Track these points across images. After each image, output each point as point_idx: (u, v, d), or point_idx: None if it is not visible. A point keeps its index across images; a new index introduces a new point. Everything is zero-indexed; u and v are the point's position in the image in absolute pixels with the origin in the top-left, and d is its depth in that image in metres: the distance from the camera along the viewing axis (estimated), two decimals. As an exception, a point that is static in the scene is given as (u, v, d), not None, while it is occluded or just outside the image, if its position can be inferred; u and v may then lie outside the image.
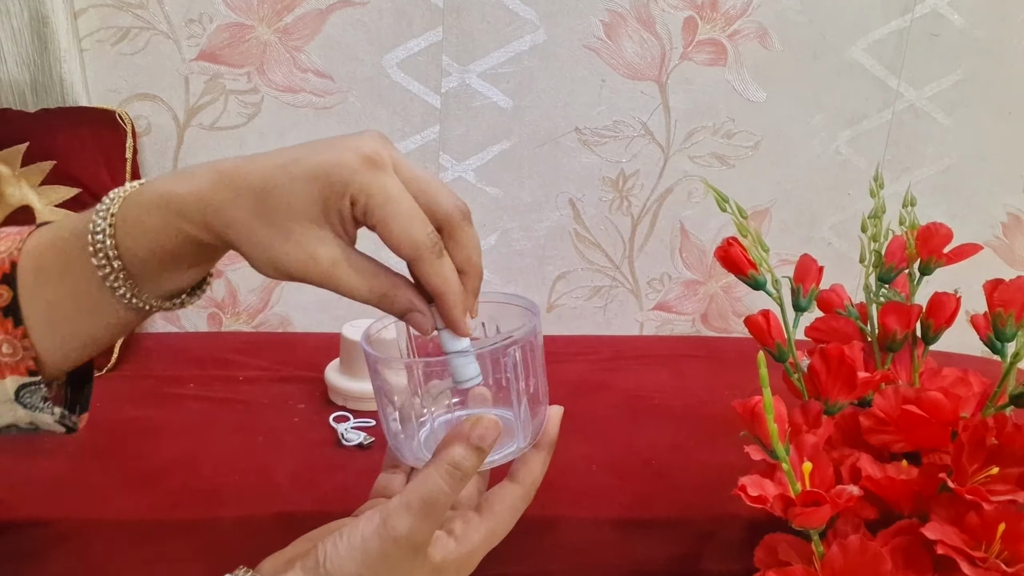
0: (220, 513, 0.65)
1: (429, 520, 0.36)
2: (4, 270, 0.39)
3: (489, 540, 0.40)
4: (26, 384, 0.40)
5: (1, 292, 0.39)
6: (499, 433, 0.37)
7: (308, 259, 0.36)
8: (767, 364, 0.44)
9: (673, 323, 1.25)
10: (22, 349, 0.39)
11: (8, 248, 0.40)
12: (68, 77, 0.96)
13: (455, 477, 0.36)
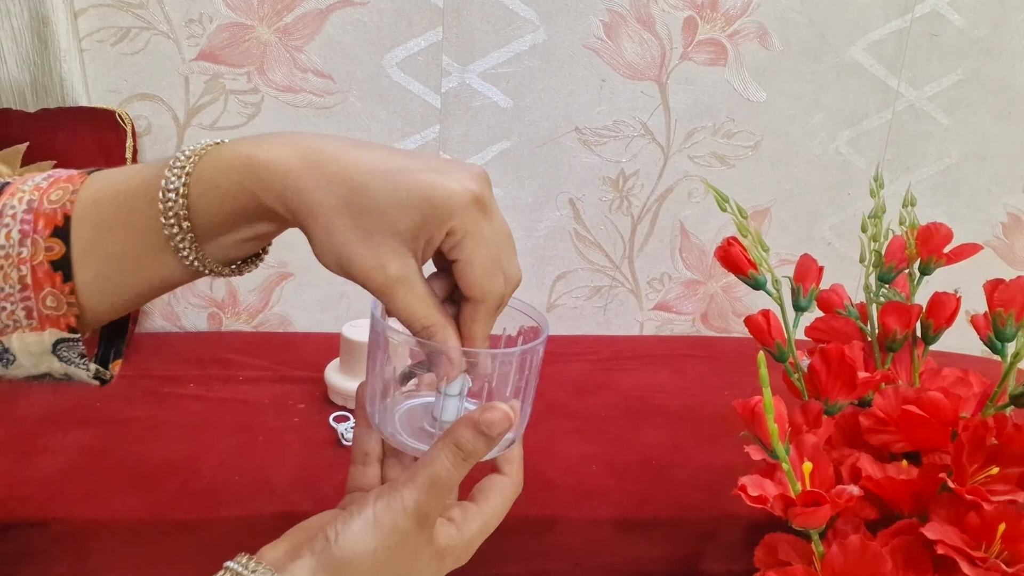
0: (220, 513, 0.65)
1: (433, 494, 0.37)
2: (56, 222, 0.39)
3: (484, 530, 0.41)
4: (64, 339, 0.40)
5: (52, 245, 0.39)
6: (509, 425, 0.38)
7: (378, 267, 0.37)
8: (767, 364, 0.44)
9: (673, 323, 1.25)
10: (66, 304, 0.39)
11: (61, 198, 0.40)
12: (68, 77, 0.96)
13: (459, 458, 0.37)
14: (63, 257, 0.39)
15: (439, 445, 0.38)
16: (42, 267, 0.39)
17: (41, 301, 0.39)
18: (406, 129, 1.07)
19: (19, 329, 0.39)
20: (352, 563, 0.37)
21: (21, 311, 0.39)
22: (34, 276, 0.39)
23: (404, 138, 1.07)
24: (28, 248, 0.39)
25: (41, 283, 0.39)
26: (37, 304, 0.39)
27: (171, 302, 1.12)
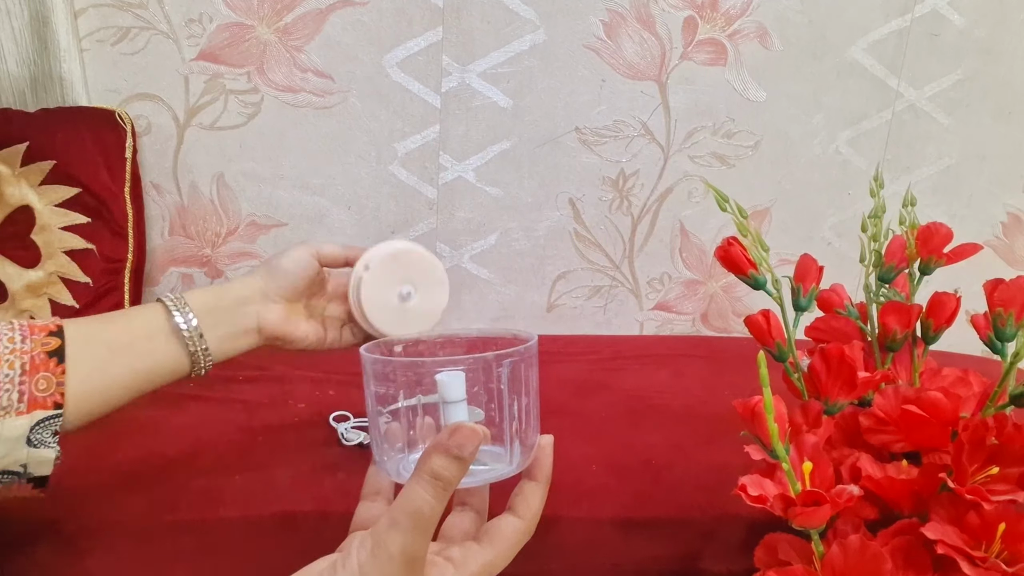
0: (220, 513, 0.64)
1: (418, 533, 0.36)
2: (51, 329, 0.47)
3: (487, 570, 0.40)
4: (47, 418, 0.46)
5: (49, 341, 0.46)
6: (479, 440, 0.37)
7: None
8: (767, 364, 0.44)
9: (673, 323, 1.25)
10: (55, 384, 0.46)
11: (48, 322, 0.48)
12: (68, 77, 0.96)
13: (437, 488, 0.36)
14: (58, 348, 0.46)
15: (414, 479, 0.36)
16: (39, 356, 0.46)
17: (34, 384, 0.45)
18: (406, 129, 1.07)
19: (8, 415, 0.45)
20: None
21: (16, 394, 0.45)
22: (32, 363, 0.45)
23: (404, 138, 1.07)
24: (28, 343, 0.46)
25: (37, 368, 0.45)
26: (30, 388, 0.45)
27: (171, 302, 1.12)
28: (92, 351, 0.48)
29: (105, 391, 0.49)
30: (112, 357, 0.49)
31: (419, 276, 0.60)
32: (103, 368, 0.48)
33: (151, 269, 1.09)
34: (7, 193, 0.91)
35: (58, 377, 0.45)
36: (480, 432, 0.37)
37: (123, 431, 0.77)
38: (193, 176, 1.06)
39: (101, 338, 0.48)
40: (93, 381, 0.48)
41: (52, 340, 0.46)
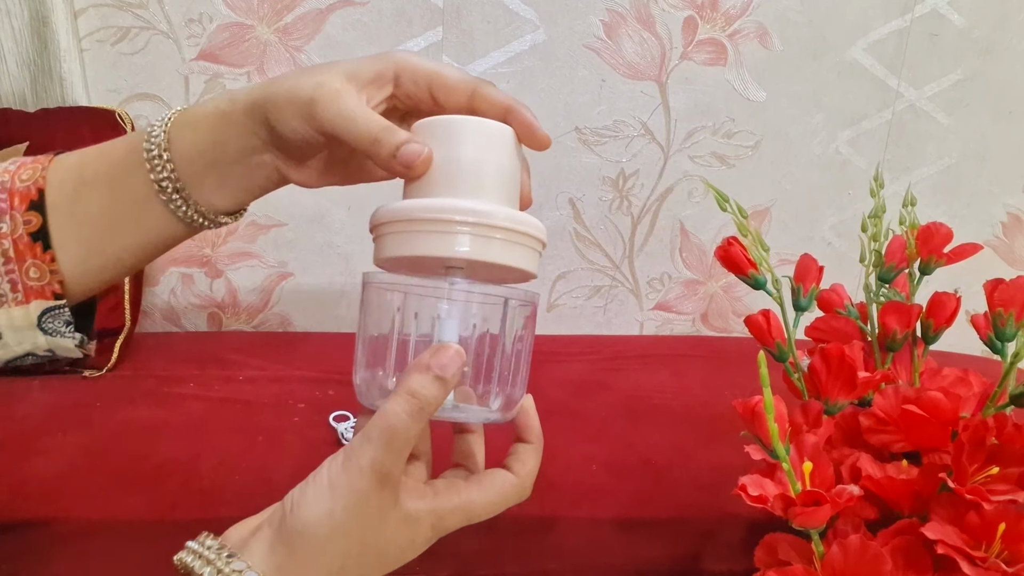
0: (220, 513, 0.64)
1: (391, 450, 0.34)
2: (31, 197, 0.41)
3: (467, 510, 0.38)
4: (50, 308, 0.42)
5: (30, 219, 0.41)
6: (462, 363, 0.35)
7: (328, 81, 0.38)
8: (767, 364, 0.44)
9: (673, 323, 1.25)
10: (49, 273, 0.41)
11: (32, 176, 0.42)
12: (68, 77, 0.96)
13: (413, 406, 0.34)
14: (41, 228, 0.41)
15: (391, 396, 0.35)
16: (22, 240, 0.41)
17: (24, 273, 0.41)
18: (406, 129, 1.07)
19: (5, 304, 0.41)
20: (308, 529, 0.35)
21: (7, 284, 0.41)
22: (16, 249, 0.41)
23: (404, 138, 1.07)
24: (7, 224, 0.40)
25: (23, 254, 0.41)
26: (21, 276, 0.41)
27: (171, 302, 1.12)
28: (78, 231, 0.42)
29: (102, 269, 0.43)
30: (102, 234, 0.42)
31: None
32: (94, 247, 0.42)
33: (151, 269, 1.09)
34: (7, 193, 0.91)
35: (49, 265, 0.41)
36: (460, 352, 0.35)
37: (123, 431, 0.77)
38: (193, 176, 1.06)
39: (86, 212, 0.42)
40: (88, 263, 0.42)
41: (34, 217, 0.41)
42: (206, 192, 0.42)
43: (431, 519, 0.37)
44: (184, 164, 0.41)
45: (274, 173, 0.43)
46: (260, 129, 0.40)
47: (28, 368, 0.44)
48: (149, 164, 0.41)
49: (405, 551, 0.37)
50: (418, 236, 0.37)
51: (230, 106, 0.40)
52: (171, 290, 1.12)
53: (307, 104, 0.38)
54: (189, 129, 0.41)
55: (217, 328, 1.15)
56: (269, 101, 0.39)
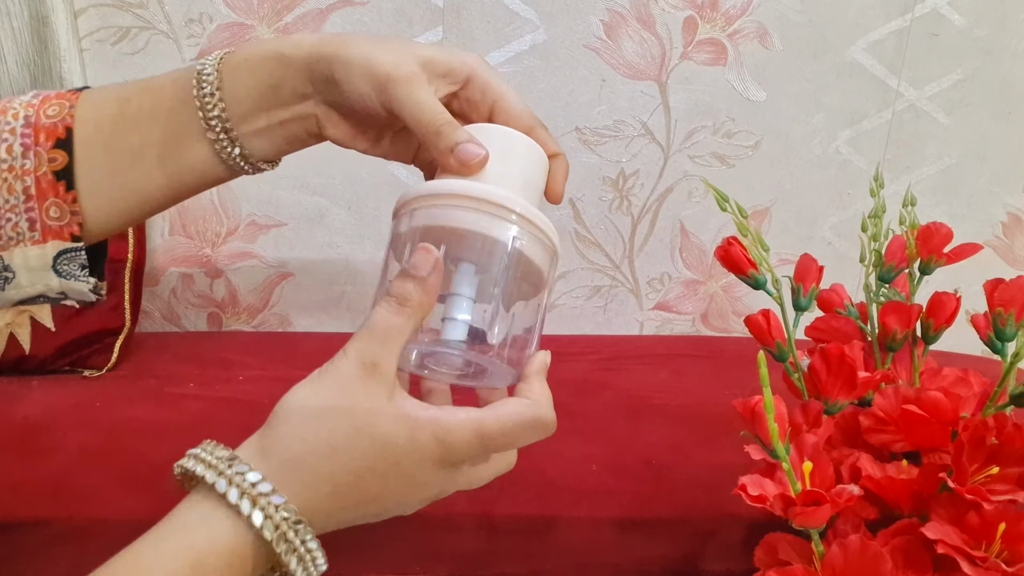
0: (220, 513, 0.64)
1: (374, 340, 0.35)
2: (58, 135, 0.40)
3: (480, 431, 0.36)
4: (66, 250, 0.41)
5: (55, 156, 0.40)
6: (433, 259, 0.36)
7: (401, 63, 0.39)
8: (767, 364, 0.44)
9: (673, 323, 1.25)
10: (69, 213, 0.40)
11: (59, 112, 0.41)
12: (68, 77, 0.96)
13: (392, 303, 0.36)
14: (66, 167, 0.40)
15: (376, 301, 0.37)
16: (45, 177, 0.40)
17: (45, 212, 0.40)
18: (406, 129, 1.07)
19: (21, 243, 0.40)
20: (291, 409, 0.36)
21: (25, 223, 0.40)
22: (38, 187, 0.40)
23: (404, 138, 1.07)
24: (31, 160, 0.39)
25: (45, 193, 0.40)
26: (41, 215, 0.40)
27: (171, 302, 1.12)
28: (114, 165, 0.41)
29: (130, 208, 0.42)
30: (138, 170, 0.41)
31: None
32: (128, 184, 0.41)
33: (151, 269, 1.09)
34: (7, 193, 0.91)
35: (70, 206, 0.40)
36: (435, 254, 0.37)
37: (123, 431, 0.77)
38: (193, 176, 1.06)
39: (125, 146, 0.40)
40: (117, 202, 0.41)
41: (59, 155, 0.39)
42: (253, 136, 0.42)
43: (433, 427, 0.35)
44: (235, 104, 0.41)
45: (314, 126, 0.43)
46: (319, 81, 0.41)
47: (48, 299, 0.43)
48: (199, 101, 0.41)
49: (405, 456, 0.35)
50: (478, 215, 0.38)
51: (294, 50, 0.40)
52: (171, 290, 1.12)
53: (382, 79, 0.39)
54: (244, 70, 0.41)
55: (217, 328, 1.15)
56: (340, 60, 0.39)
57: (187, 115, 0.41)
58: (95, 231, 0.42)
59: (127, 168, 0.41)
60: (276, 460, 0.35)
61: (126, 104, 0.42)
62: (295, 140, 0.44)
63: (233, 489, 0.33)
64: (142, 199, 0.42)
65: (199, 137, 0.41)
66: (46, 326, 0.91)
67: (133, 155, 0.41)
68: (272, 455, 0.35)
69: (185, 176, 0.42)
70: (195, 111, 0.41)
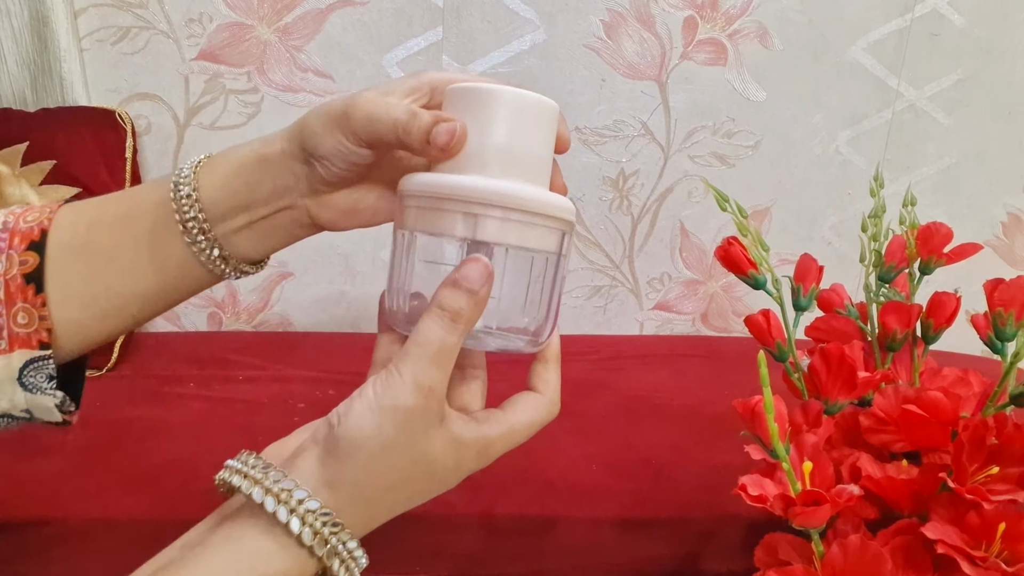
0: (220, 513, 0.64)
1: (429, 361, 0.35)
2: (32, 237, 0.39)
3: (507, 439, 0.38)
4: (34, 359, 0.39)
5: (27, 259, 0.38)
6: (486, 271, 0.36)
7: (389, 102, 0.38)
8: (767, 363, 0.44)
9: (673, 323, 1.24)
10: (38, 319, 0.38)
11: (37, 218, 0.40)
12: (68, 77, 0.96)
13: (444, 318, 0.35)
14: (36, 269, 0.38)
15: (424, 314, 0.35)
16: (15, 281, 0.38)
17: (12, 318, 0.38)
18: (406, 129, 1.07)
19: None
20: (359, 444, 0.35)
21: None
22: (6, 291, 0.38)
23: (404, 138, 1.07)
24: (2, 263, 0.38)
25: (13, 297, 0.38)
26: (8, 322, 0.38)
27: (171, 302, 1.12)
28: (86, 269, 0.39)
29: (104, 317, 0.40)
30: (112, 274, 0.39)
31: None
32: (100, 290, 0.39)
33: (151, 269, 1.09)
34: (7, 193, 0.91)
35: (39, 310, 0.38)
36: (488, 265, 0.36)
37: (123, 431, 0.77)
38: (193, 176, 1.06)
39: (98, 248, 0.39)
40: (90, 308, 0.39)
41: (30, 257, 0.38)
42: (232, 236, 0.41)
43: (478, 446, 0.37)
44: (213, 204, 0.40)
45: (304, 216, 0.42)
46: (295, 162, 0.40)
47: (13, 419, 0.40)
48: (176, 203, 0.40)
49: (449, 474, 0.37)
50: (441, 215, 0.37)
51: (265, 147, 0.40)
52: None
53: (340, 115, 0.38)
54: (221, 170, 0.41)
55: (217, 328, 1.15)
56: (305, 125, 0.39)
57: (163, 217, 0.40)
58: (69, 343, 0.40)
59: (100, 271, 0.40)
60: (345, 497, 0.35)
61: (104, 208, 0.41)
62: (281, 235, 0.43)
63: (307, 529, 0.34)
64: (117, 306, 0.40)
65: (175, 239, 0.40)
66: (46, 326, 0.91)
67: (107, 257, 0.40)
68: (342, 491, 0.35)
69: (162, 280, 0.41)
70: (171, 213, 0.40)
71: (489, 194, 0.36)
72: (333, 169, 0.39)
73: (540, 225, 0.38)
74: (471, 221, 0.37)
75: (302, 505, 0.34)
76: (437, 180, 0.37)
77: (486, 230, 0.37)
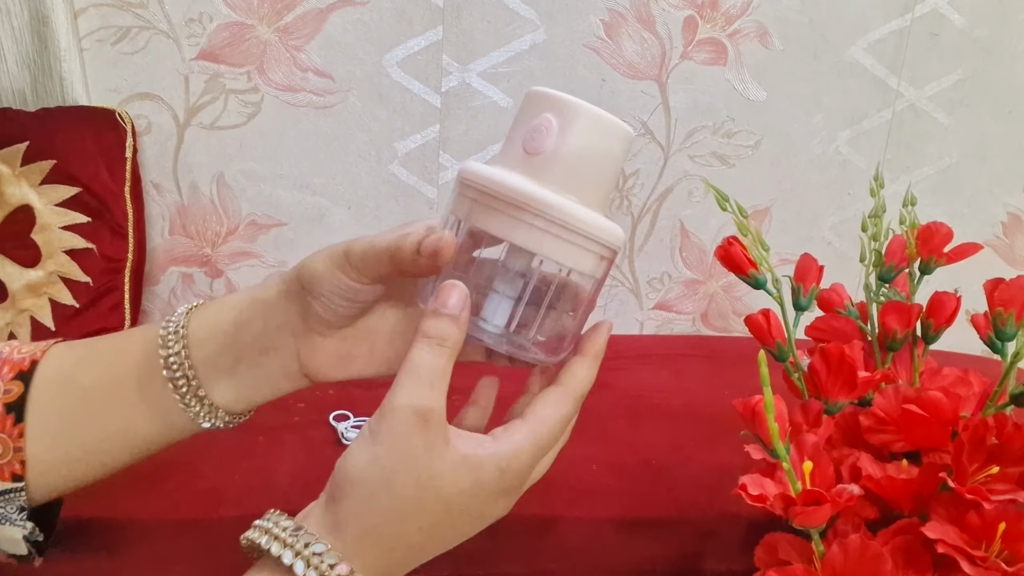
0: (220, 513, 0.65)
1: (420, 385, 0.34)
2: (22, 367, 0.39)
3: (537, 442, 0.37)
4: (5, 491, 0.38)
5: (11, 388, 0.38)
6: (459, 293, 0.36)
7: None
8: (767, 363, 0.44)
9: (673, 323, 1.24)
10: (13, 450, 0.38)
11: (31, 349, 0.40)
12: (68, 76, 0.96)
13: (433, 343, 0.35)
14: (19, 398, 0.38)
15: (412, 345, 0.35)
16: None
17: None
18: (406, 129, 1.07)
19: None
20: (357, 480, 0.34)
21: None
22: None
23: (404, 137, 1.07)
24: None
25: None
26: None
27: (171, 302, 1.12)
28: (64, 402, 0.38)
29: (74, 460, 0.39)
30: (89, 411, 0.39)
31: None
32: (75, 428, 0.39)
33: (151, 269, 1.09)
34: (7, 193, 0.91)
35: (15, 441, 0.37)
36: (461, 288, 0.36)
37: (123, 431, 0.77)
38: (193, 176, 1.06)
39: (81, 382, 0.39)
40: (61, 448, 0.38)
41: (15, 386, 0.38)
42: (215, 381, 0.41)
43: (494, 461, 0.35)
44: (199, 343, 0.40)
45: (292, 363, 0.41)
46: (290, 302, 0.40)
47: None
48: (163, 339, 0.40)
49: (471, 500, 0.35)
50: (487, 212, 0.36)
51: (261, 289, 0.40)
52: (171, 290, 1.12)
53: (342, 255, 0.38)
54: (213, 310, 0.41)
55: (217, 328, 1.15)
56: (305, 265, 0.39)
57: (148, 356, 0.40)
58: (35, 482, 0.39)
59: (75, 408, 0.39)
60: (351, 536, 0.34)
61: (95, 345, 0.41)
62: (265, 385, 0.42)
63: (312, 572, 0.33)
64: (89, 450, 0.40)
65: (157, 379, 0.40)
66: (46, 326, 0.91)
67: (85, 395, 0.39)
68: (347, 531, 0.34)
69: (141, 424, 0.40)
70: (157, 351, 0.40)
71: (535, 201, 0.36)
72: (330, 306, 0.39)
73: (580, 245, 0.38)
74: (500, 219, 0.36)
75: (308, 548, 0.33)
76: (490, 173, 0.37)
77: (523, 235, 0.36)
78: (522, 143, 0.38)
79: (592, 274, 0.39)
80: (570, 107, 0.38)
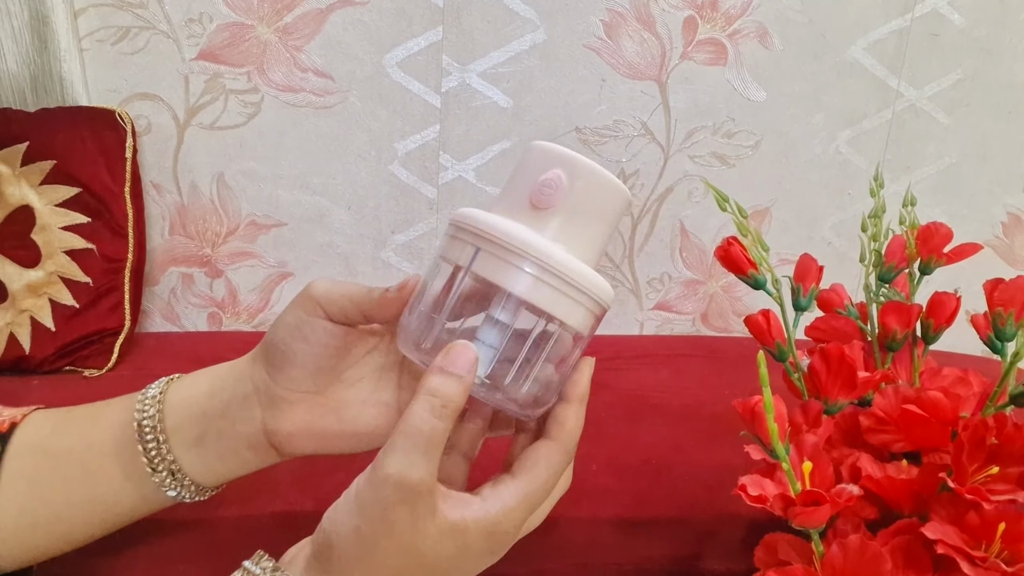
0: (220, 513, 0.65)
1: (417, 453, 0.33)
2: (1, 429, 0.39)
3: (527, 500, 0.36)
4: None
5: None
6: (471, 355, 0.35)
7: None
8: (767, 363, 0.44)
9: (673, 323, 1.25)
10: None
11: (14, 414, 0.40)
12: (68, 76, 0.96)
13: (434, 405, 0.34)
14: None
15: (413, 399, 0.34)
16: None
17: None
18: (406, 129, 1.07)
19: None
20: (338, 545, 0.33)
21: None
22: None
23: (404, 138, 1.07)
24: None
25: None
26: None
27: (171, 302, 1.12)
28: (34, 469, 0.38)
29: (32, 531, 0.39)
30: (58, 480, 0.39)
31: None
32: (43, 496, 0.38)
33: (151, 269, 1.09)
34: (7, 193, 0.91)
35: None
36: (473, 350, 0.35)
37: (123, 431, 0.77)
38: (193, 176, 1.06)
39: (56, 445, 0.38)
40: (20, 517, 0.38)
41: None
42: (184, 450, 0.41)
43: (482, 525, 0.35)
44: (172, 410, 0.40)
45: (258, 434, 0.41)
46: (258, 367, 0.40)
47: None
48: (139, 404, 0.40)
49: (458, 561, 0.35)
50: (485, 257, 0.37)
51: (240, 359, 0.42)
52: (171, 290, 1.12)
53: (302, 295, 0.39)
54: (189, 380, 0.42)
55: (217, 328, 1.15)
56: (272, 326, 0.40)
57: (122, 424, 0.40)
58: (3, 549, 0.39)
59: (46, 475, 0.39)
60: None
61: (73, 412, 0.41)
62: (232, 458, 0.42)
63: None
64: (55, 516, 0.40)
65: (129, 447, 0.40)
66: (46, 326, 0.91)
67: (55, 457, 0.39)
68: None
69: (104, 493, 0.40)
70: (132, 418, 0.40)
71: (542, 253, 0.36)
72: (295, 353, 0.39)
73: (575, 299, 0.38)
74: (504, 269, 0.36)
75: None
76: (495, 221, 0.37)
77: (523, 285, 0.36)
78: (529, 196, 0.38)
79: (580, 330, 0.39)
80: (581, 167, 0.39)
